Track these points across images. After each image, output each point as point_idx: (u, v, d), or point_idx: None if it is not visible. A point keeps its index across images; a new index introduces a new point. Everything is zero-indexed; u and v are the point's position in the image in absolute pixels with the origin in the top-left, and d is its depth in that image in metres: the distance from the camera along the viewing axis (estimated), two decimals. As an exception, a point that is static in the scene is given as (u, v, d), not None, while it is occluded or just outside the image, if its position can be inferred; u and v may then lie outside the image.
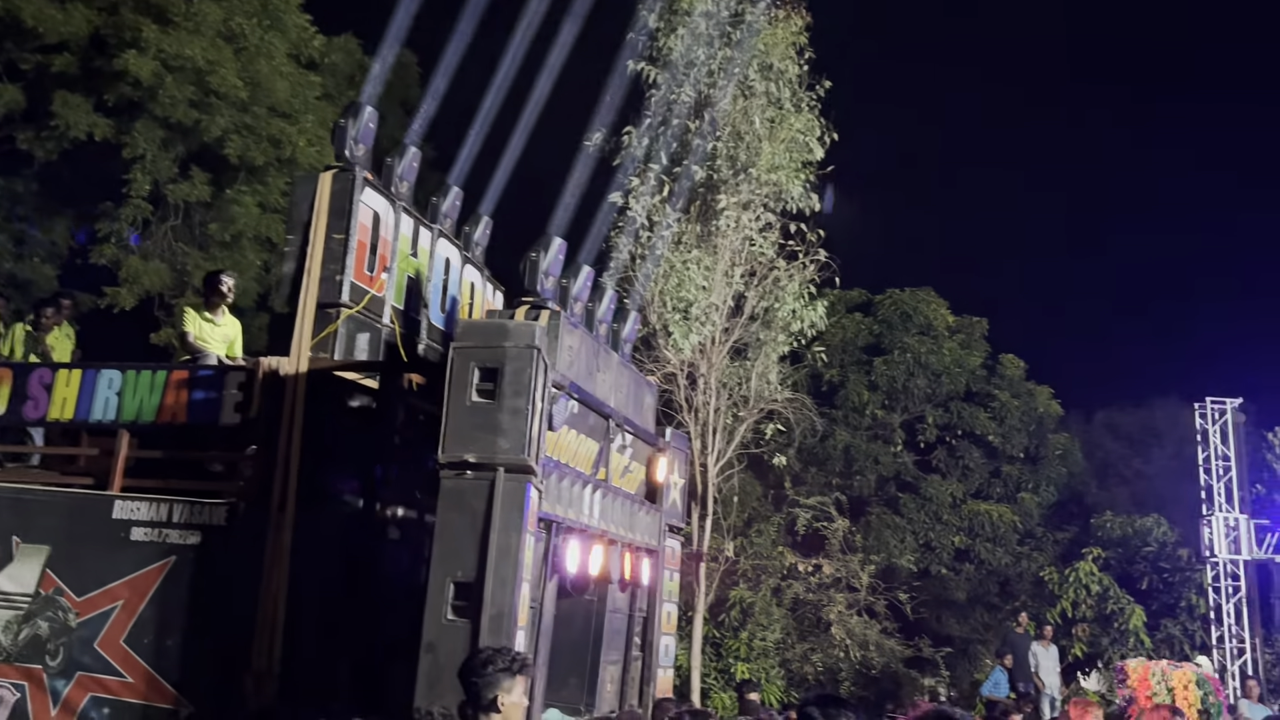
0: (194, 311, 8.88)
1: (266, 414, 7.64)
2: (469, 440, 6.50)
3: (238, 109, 16.04)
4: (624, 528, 8.58)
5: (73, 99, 15.35)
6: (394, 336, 8.37)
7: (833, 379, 21.65)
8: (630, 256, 12.83)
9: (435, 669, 6.37)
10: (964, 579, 20.85)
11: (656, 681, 9.58)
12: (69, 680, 7.49)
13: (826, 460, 21.07)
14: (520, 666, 4.45)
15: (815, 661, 18.15)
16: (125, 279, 16.38)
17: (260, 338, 16.97)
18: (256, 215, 17.01)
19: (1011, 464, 22.16)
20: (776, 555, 18.63)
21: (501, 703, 4.35)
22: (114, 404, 8.11)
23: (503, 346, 6.58)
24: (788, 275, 14.00)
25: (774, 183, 13.67)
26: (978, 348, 22.75)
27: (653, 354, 13.65)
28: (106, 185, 16.40)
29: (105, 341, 16.16)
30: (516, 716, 4.42)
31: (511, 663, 4.42)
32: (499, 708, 4.36)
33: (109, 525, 7.69)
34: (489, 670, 4.36)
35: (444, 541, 6.53)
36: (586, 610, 8.70)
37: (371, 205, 8.20)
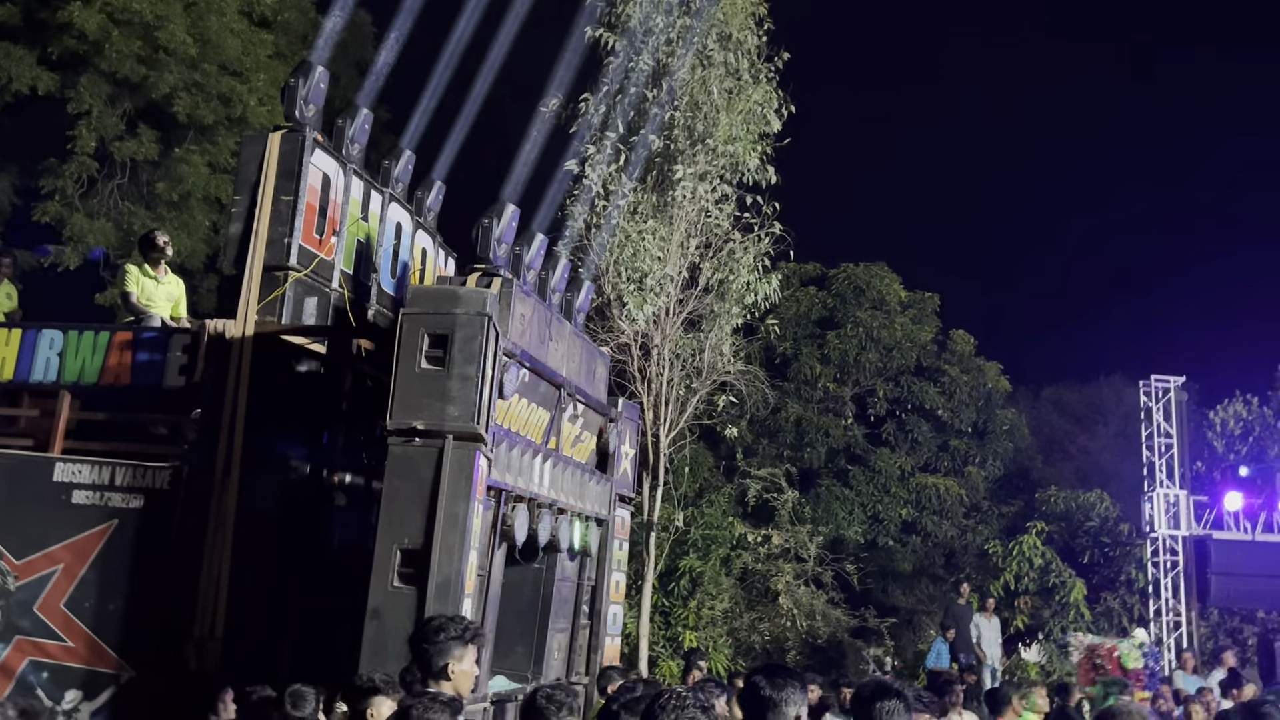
0: (135, 269, 8.71)
1: (212, 377, 7.54)
2: (418, 407, 6.46)
3: (187, 66, 15.73)
4: (574, 497, 8.58)
5: (15, 51, 14.96)
6: (343, 301, 8.27)
7: (785, 352, 21.75)
8: (585, 225, 12.76)
9: (380, 636, 6.36)
10: (910, 551, 21.14)
11: (604, 650, 9.63)
12: (7, 644, 7.38)
13: (778, 432, 21.21)
14: (472, 635, 4.44)
15: (763, 631, 18.35)
16: (70, 238, 16.06)
17: (210, 299, 16.73)
18: (205, 175, 16.72)
19: (959, 438, 22.45)
20: (726, 525, 18.76)
21: (452, 670, 4.34)
22: (55, 365, 7.95)
23: (453, 313, 6.54)
24: (743, 248, 14.00)
25: (731, 154, 13.64)
26: (929, 323, 22.97)
27: (606, 324, 13.62)
28: (51, 141, 16.03)
29: (49, 301, 15.87)
30: (466, 685, 4.41)
31: (464, 631, 4.41)
32: (449, 675, 4.35)
33: (50, 488, 7.56)
34: (441, 637, 4.34)
35: (391, 509, 6.50)
36: (535, 578, 8.71)
37: (321, 167, 8.07)
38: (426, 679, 4.37)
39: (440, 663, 4.32)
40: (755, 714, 3.42)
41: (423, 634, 4.40)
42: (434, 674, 4.33)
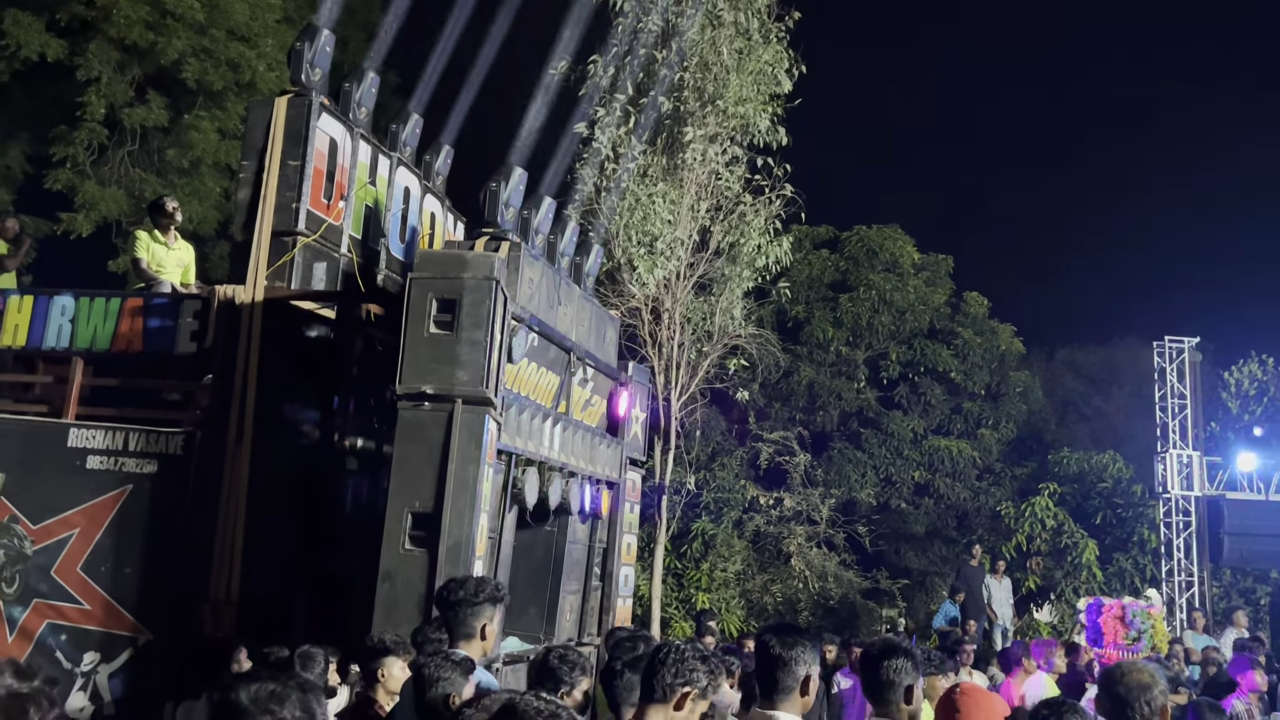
0: (146, 235, 8.72)
1: (223, 343, 7.57)
2: (427, 372, 6.47)
3: (195, 31, 15.65)
4: (584, 460, 8.61)
5: (24, 18, 14.91)
6: (352, 266, 8.28)
7: (798, 315, 21.69)
8: (594, 189, 12.68)
9: (392, 598, 6.41)
10: (923, 513, 21.16)
11: (616, 611, 9.69)
12: (25, 607, 7.47)
13: (790, 396, 21.20)
14: (502, 596, 4.46)
15: (775, 592, 18.45)
16: (81, 205, 16.07)
17: (221, 266, 16.75)
18: (215, 141, 16.69)
19: (973, 401, 22.39)
20: (739, 489, 18.81)
21: (486, 631, 4.35)
22: (67, 331, 7.99)
23: (461, 278, 6.53)
24: (754, 210, 13.91)
25: (741, 115, 13.52)
26: (942, 285, 22.84)
27: (617, 288, 13.58)
28: (61, 108, 16.01)
29: (62, 269, 15.92)
30: (492, 646, 4.44)
31: (496, 591, 4.42)
32: (484, 635, 4.35)
33: (64, 453, 7.62)
34: (480, 597, 4.32)
35: (402, 472, 6.54)
36: (547, 541, 8.76)
37: (328, 131, 8.05)
38: (456, 640, 4.36)
39: (477, 624, 4.30)
40: (766, 672, 3.40)
41: (456, 595, 4.35)
42: (466, 634, 4.31)
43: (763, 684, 3.47)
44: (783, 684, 3.40)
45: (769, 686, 3.43)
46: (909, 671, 3.80)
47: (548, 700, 2.44)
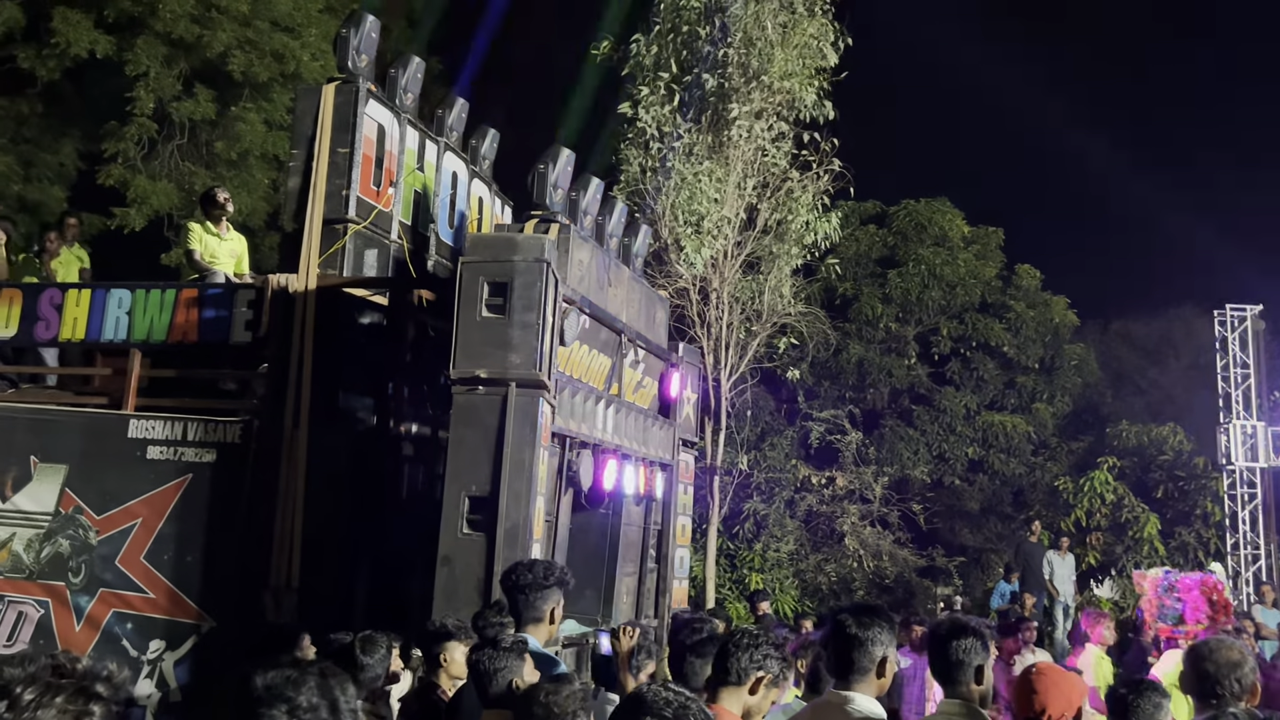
0: (198, 227, 8.79)
1: (277, 332, 7.62)
2: (480, 355, 6.46)
3: (240, 24, 15.72)
4: (637, 442, 8.58)
5: (73, 15, 15.05)
6: (402, 252, 8.29)
7: (846, 292, 21.47)
8: (640, 169, 12.61)
9: (451, 582, 6.43)
10: (977, 489, 20.92)
11: (672, 593, 9.67)
12: (92, 597, 7.60)
13: (840, 374, 21.02)
14: (569, 580, 4.44)
15: (829, 572, 18.35)
16: (133, 200, 16.25)
17: (272, 257, 16.87)
18: (263, 133, 16.78)
19: (1026, 375, 22.07)
20: (790, 468, 18.71)
21: (555, 615, 4.33)
22: (124, 323, 8.09)
23: (512, 261, 6.51)
24: (801, 186, 13.75)
25: (787, 90, 13.34)
26: (993, 258, 22.50)
27: (664, 269, 13.50)
28: (111, 104, 16.18)
29: (117, 263, 16.14)
30: (556, 630, 4.42)
31: (563, 574, 4.40)
32: (553, 619, 4.34)
33: (125, 444, 7.74)
34: (550, 581, 4.30)
35: (458, 457, 6.54)
36: (602, 523, 8.75)
37: (376, 118, 8.05)
38: (523, 624, 4.34)
39: (545, 608, 4.28)
40: (841, 653, 3.31)
41: (525, 579, 4.32)
42: (534, 619, 4.29)
43: (838, 665, 3.38)
44: (858, 665, 3.32)
45: (844, 667, 3.35)
46: (979, 651, 3.71)
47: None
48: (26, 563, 7.77)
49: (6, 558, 7.84)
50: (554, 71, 9.93)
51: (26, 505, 7.84)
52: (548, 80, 10.16)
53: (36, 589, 7.72)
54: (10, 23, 15.18)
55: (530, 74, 9.23)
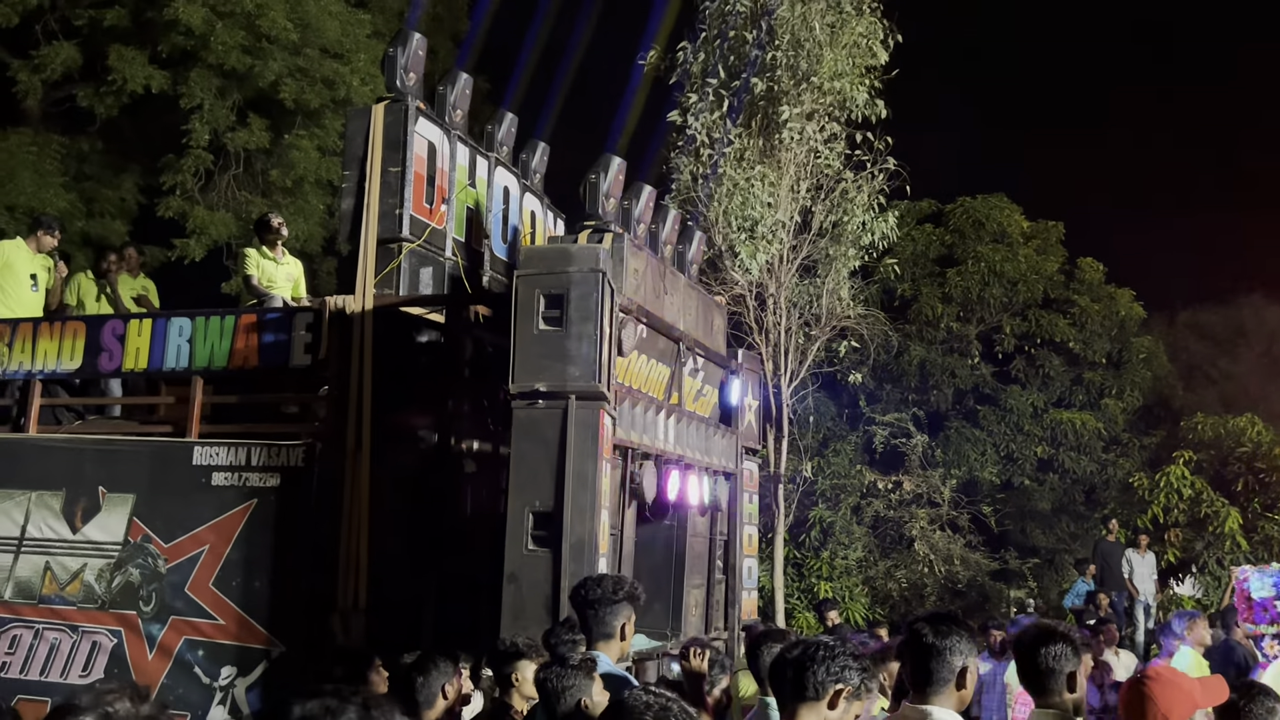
0: (255, 253, 8.85)
1: (336, 353, 7.61)
2: (539, 369, 6.39)
3: (289, 52, 15.93)
4: (700, 451, 8.45)
5: (127, 53, 15.35)
6: (457, 269, 8.27)
7: (905, 293, 21.16)
8: (692, 176, 12.51)
9: (519, 599, 6.35)
10: (1048, 489, 20.46)
11: (741, 604, 9.52)
12: (163, 625, 7.63)
13: (902, 376, 20.70)
14: (640, 594, 4.36)
15: (899, 578, 18.03)
16: (193, 230, 16.51)
17: (330, 282, 17.06)
18: (316, 159, 16.99)
19: (1094, 370, 21.57)
20: (855, 474, 18.44)
21: (626, 630, 4.25)
22: (186, 351, 8.14)
23: (567, 272, 6.43)
24: (855, 187, 13.56)
25: (837, 91, 13.17)
26: (1054, 253, 22.05)
27: (719, 275, 13.37)
28: (168, 137, 16.48)
29: (179, 293, 16.39)
30: (629, 647, 4.34)
31: (633, 589, 4.32)
32: (625, 635, 4.26)
33: (190, 471, 7.77)
34: (619, 595, 4.23)
35: (520, 472, 6.46)
36: (667, 536, 8.63)
37: (426, 136, 8.04)
38: (594, 640, 4.25)
39: (616, 623, 4.21)
40: (919, 664, 3.18)
41: (594, 594, 4.25)
42: (605, 634, 4.21)
43: (915, 676, 3.24)
44: (937, 676, 3.18)
45: (922, 679, 3.20)
46: (1069, 657, 3.55)
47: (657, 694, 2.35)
48: (98, 593, 7.83)
49: (79, 588, 7.91)
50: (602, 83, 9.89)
51: (96, 536, 7.91)
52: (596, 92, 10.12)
53: (109, 619, 7.77)
54: (68, 63, 15.53)
55: (578, 86, 9.21)
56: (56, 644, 7.90)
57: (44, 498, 8.14)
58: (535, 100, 9.58)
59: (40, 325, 8.62)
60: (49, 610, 7.96)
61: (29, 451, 8.31)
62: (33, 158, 15.66)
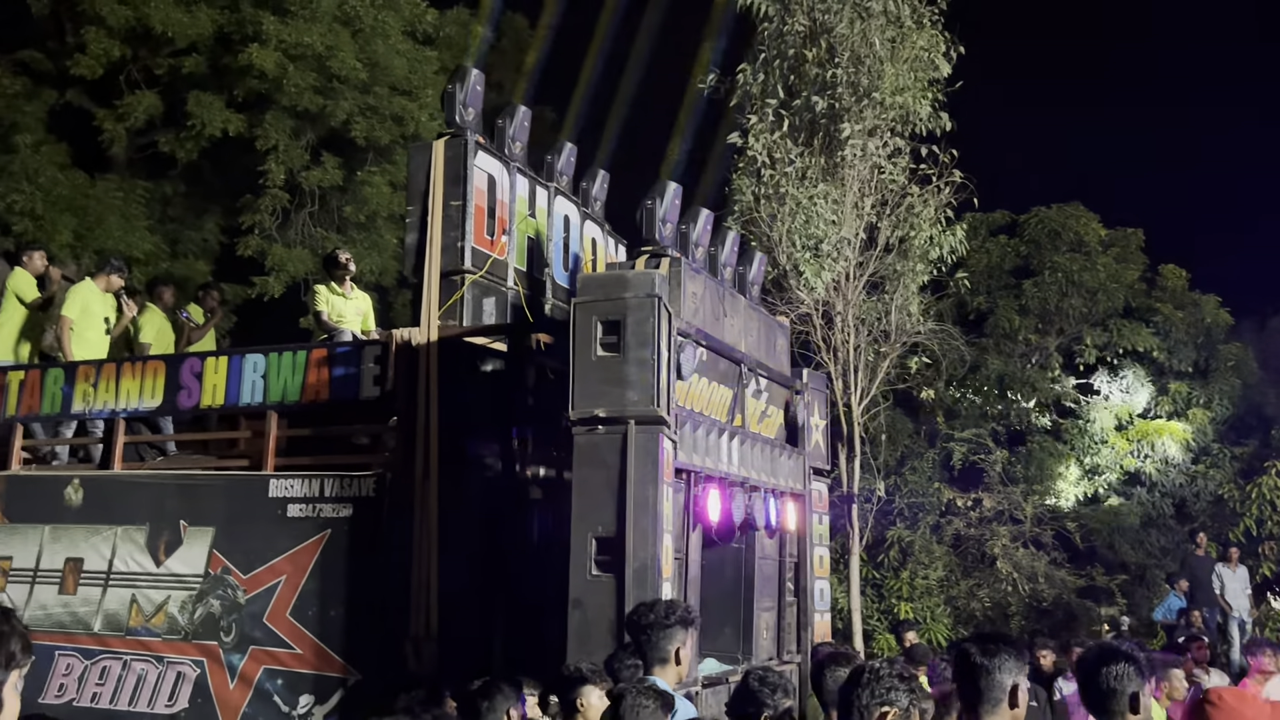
0: (324, 289, 9.08)
1: (403, 385, 7.77)
2: (597, 395, 6.44)
3: (360, 91, 16.34)
4: (765, 473, 8.42)
5: (205, 98, 15.88)
6: (519, 298, 8.38)
7: (980, 306, 20.82)
8: (754, 197, 12.50)
9: (584, 625, 6.38)
10: (1135, 503, 19.89)
11: (814, 626, 9.43)
12: (243, 655, 7.83)
13: (979, 390, 20.34)
14: (694, 618, 4.37)
15: (982, 598, 17.65)
16: (271, 267, 16.97)
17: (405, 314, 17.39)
18: (388, 194, 17.37)
19: (1180, 380, 20.95)
20: (933, 492, 18.14)
21: (681, 655, 4.26)
22: (260, 386, 8.37)
23: (623, 298, 6.48)
24: (922, 201, 13.42)
25: (900, 105, 13.08)
26: (1135, 260, 21.51)
27: (785, 295, 13.31)
28: (246, 178, 17.00)
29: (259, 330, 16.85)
30: (687, 670, 4.34)
31: (686, 613, 4.33)
32: (679, 660, 4.26)
33: (267, 504, 7.98)
34: (671, 620, 4.25)
35: (582, 498, 6.51)
36: (736, 559, 8.60)
37: (485, 169, 8.19)
38: (650, 665, 4.27)
39: (671, 648, 4.22)
40: (969, 684, 3.17)
41: (646, 619, 4.28)
42: (660, 659, 4.23)
43: (966, 697, 3.23)
44: (988, 696, 3.17)
45: (973, 699, 3.20)
46: (1132, 677, 3.48)
47: None
48: (181, 624, 8.07)
49: (163, 620, 8.16)
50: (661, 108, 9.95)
51: (178, 568, 8.15)
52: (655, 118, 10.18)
53: (192, 649, 8.00)
54: (150, 110, 16.12)
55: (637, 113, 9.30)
56: (143, 675, 8.15)
57: (129, 532, 8.43)
58: (595, 127, 9.68)
59: (123, 365, 8.94)
60: (136, 642, 8.22)
61: (115, 488, 8.62)
62: (119, 203, 16.24)
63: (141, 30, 15.52)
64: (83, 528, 8.61)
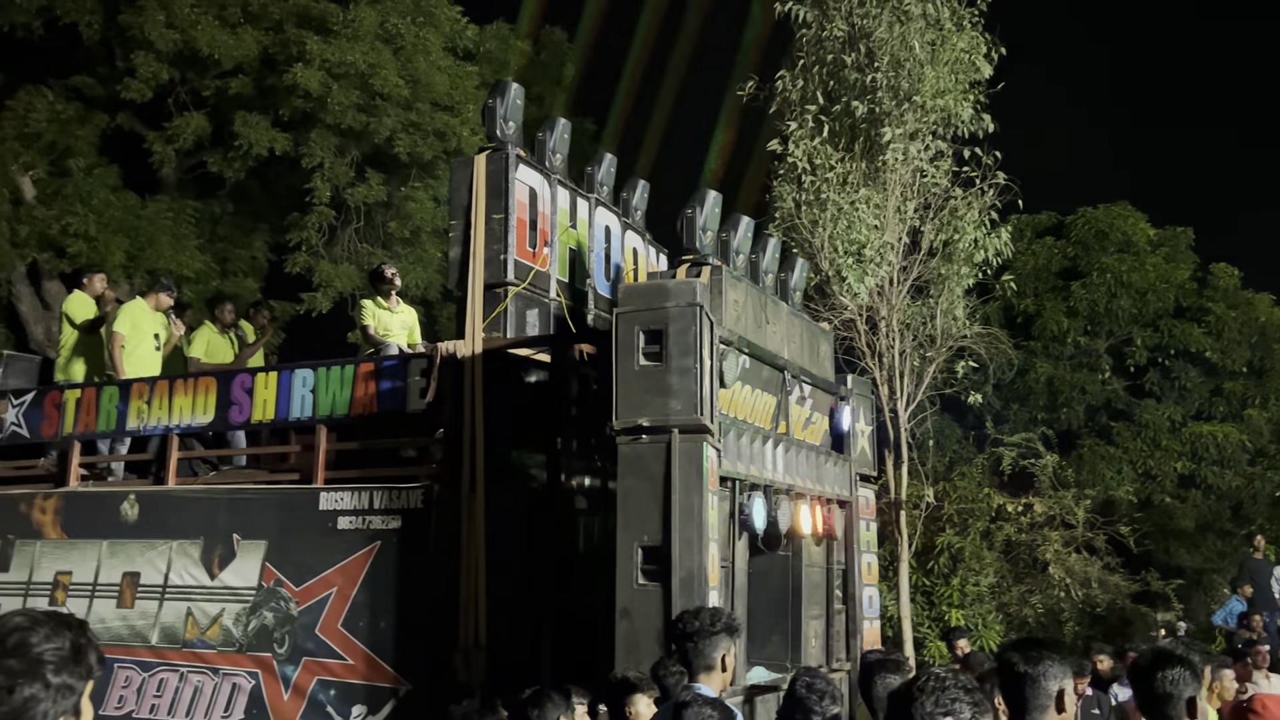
0: (371, 304, 9.20)
1: (449, 397, 7.84)
2: (641, 404, 6.46)
3: (402, 108, 16.51)
4: (811, 480, 8.39)
5: (251, 118, 16.14)
6: (561, 309, 8.43)
7: (1026, 309, 20.60)
8: (794, 203, 12.48)
9: (632, 634, 6.40)
10: (1190, 506, 19.55)
11: (863, 634, 9.38)
12: (296, 666, 7.92)
13: (1028, 395, 20.12)
14: (738, 626, 4.38)
15: (1034, 604, 17.42)
16: (319, 284, 17.21)
17: (450, 327, 17.52)
18: (431, 209, 17.54)
19: (1234, 380, 20.59)
20: (983, 497, 17.94)
21: (726, 663, 4.27)
22: (310, 401, 8.49)
23: (665, 307, 6.51)
24: (965, 204, 13.30)
25: (941, 108, 12.98)
26: (1184, 260, 21.19)
27: (828, 301, 13.25)
28: (292, 196, 17.25)
29: (307, 345, 17.08)
30: (731, 677, 4.35)
31: (731, 620, 4.34)
32: (725, 667, 4.27)
33: (317, 516, 8.08)
34: (717, 627, 4.26)
35: (627, 507, 6.53)
36: (783, 566, 8.57)
37: (527, 181, 8.25)
38: (695, 673, 4.28)
39: (715, 655, 4.22)
40: (1013, 691, 3.15)
41: (691, 626, 4.28)
42: (705, 667, 4.23)
43: (1013, 705, 3.21)
44: (1034, 703, 3.15)
45: (1019, 707, 3.18)
46: (1188, 681, 3.44)
47: None
48: (236, 636, 8.19)
49: (218, 633, 8.29)
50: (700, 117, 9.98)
51: (232, 581, 8.28)
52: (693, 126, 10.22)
53: (247, 661, 8.11)
54: (199, 131, 16.41)
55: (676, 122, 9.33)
56: (200, 687, 8.28)
57: (184, 546, 8.58)
58: (635, 137, 9.72)
59: (175, 382, 9.11)
60: (192, 654, 8.35)
61: (169, 503, 8.78)
62: (169, 223, 16.55)
63: (189, 53, 15.82)
64: (139, 542, 8.77)
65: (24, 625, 1.95)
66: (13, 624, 1.96)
